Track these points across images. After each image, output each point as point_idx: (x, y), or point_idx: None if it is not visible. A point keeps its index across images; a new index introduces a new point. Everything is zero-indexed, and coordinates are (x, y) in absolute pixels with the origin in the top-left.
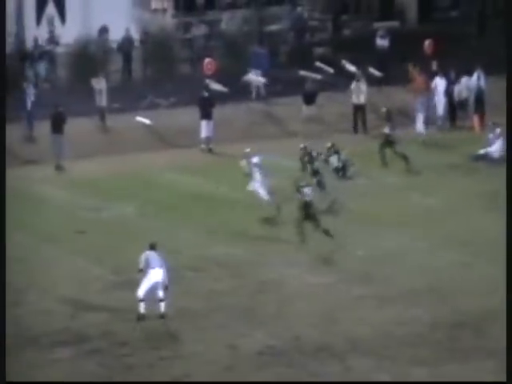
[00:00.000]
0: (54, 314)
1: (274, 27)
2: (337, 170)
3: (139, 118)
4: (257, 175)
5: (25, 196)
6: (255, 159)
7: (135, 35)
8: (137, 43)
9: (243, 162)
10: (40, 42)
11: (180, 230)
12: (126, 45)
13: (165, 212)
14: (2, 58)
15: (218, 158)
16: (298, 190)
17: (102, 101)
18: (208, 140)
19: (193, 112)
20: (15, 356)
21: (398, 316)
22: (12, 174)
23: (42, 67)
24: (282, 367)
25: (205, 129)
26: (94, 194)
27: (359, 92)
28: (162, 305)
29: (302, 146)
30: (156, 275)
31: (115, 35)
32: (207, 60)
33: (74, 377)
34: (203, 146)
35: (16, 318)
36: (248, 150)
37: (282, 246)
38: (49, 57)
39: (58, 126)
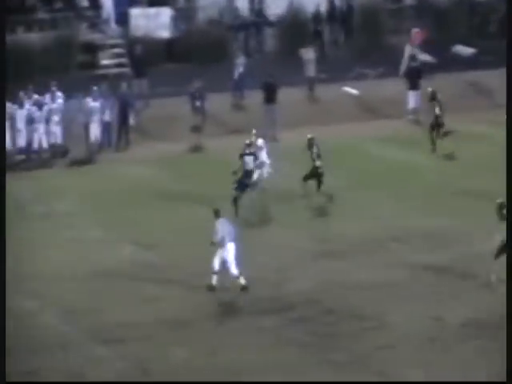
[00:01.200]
0: (260, 283)
1: None
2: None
3: (346, 89)
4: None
5: (229, 164)
6: (259, 141)
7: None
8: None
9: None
10: (247, 13)
11: (384, 200)
12: (334, 15)
13: (370, 182)
14: (1, 57)
15: (425, 129)
16: (240, 157)
17: (311, 71)
18: (415, 111)
19: (400, 83)
20: (222, 322)
21: None
22: (219, 143)
23: (250, 37)
24: (484, 339)
25: (412, 99)
26: (299, 163)
27: None
28: (242, 278)
29: (309, 136)
30: (231, 249)
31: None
32: (415, 30)
33: (280, 345)
34: (410, 116)
35: (224, 286)
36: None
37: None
38: (258, 27)
39: (270, 96)
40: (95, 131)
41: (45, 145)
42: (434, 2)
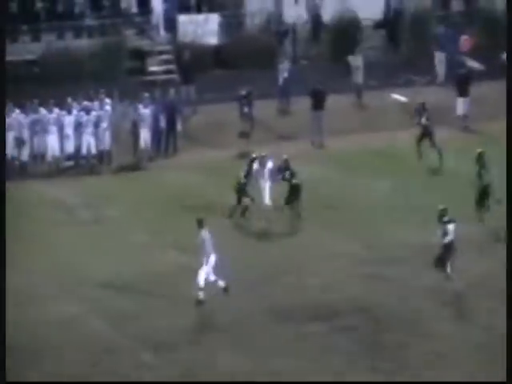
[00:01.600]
0: (308, 289)
1: None
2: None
3: (395, 96)
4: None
5: None
6: (269, 164)
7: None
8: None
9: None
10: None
11: (433, 206)
12: (383, 22)
13: (416, 189)
14: (2, 57)
15: (474, 136)
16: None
17: (359, 78)
18: (464, 118)
19: (448, 90)
20: (271, 328)
21: None
22: (266, 149)
23: (292, 43)
24: None
25: (461, 106)
26: (347, 169)
27: None
28: (221, 282)
29: (284, 157)
30: (212, 261)
31: (370, 13)
32: (464, 37)
33: (328, 352)
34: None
35: (272, 293)
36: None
37: None
38: (309, 33)
39: (318, 102)
40: (145, 137)
41: (93, 151)
42: (482, 8)
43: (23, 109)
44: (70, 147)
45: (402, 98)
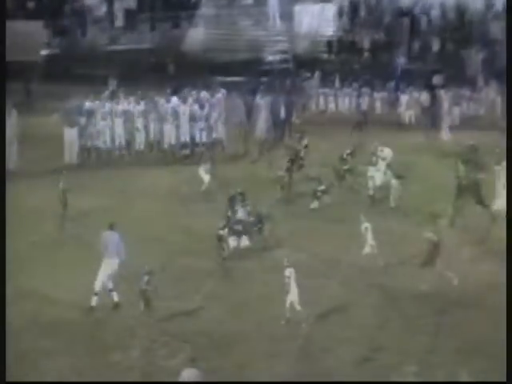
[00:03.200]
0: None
1: None
2: None
3: None
4: None
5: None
6: None
7: None
8: None
9: None
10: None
11: None
12: None
13: None
14: (1, 57)
15: None
16: None
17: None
18: None
19: None
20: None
21: None
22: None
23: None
24: None
25: None
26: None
27: None
28: (114, 294)
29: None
30: (111, 266)
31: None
32: None
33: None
34: None
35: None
36: None
37: None
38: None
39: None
40: (260, 127)
41: (205, 139)
42: None
43: (136, 98)
44: (185, 136)
45: None
